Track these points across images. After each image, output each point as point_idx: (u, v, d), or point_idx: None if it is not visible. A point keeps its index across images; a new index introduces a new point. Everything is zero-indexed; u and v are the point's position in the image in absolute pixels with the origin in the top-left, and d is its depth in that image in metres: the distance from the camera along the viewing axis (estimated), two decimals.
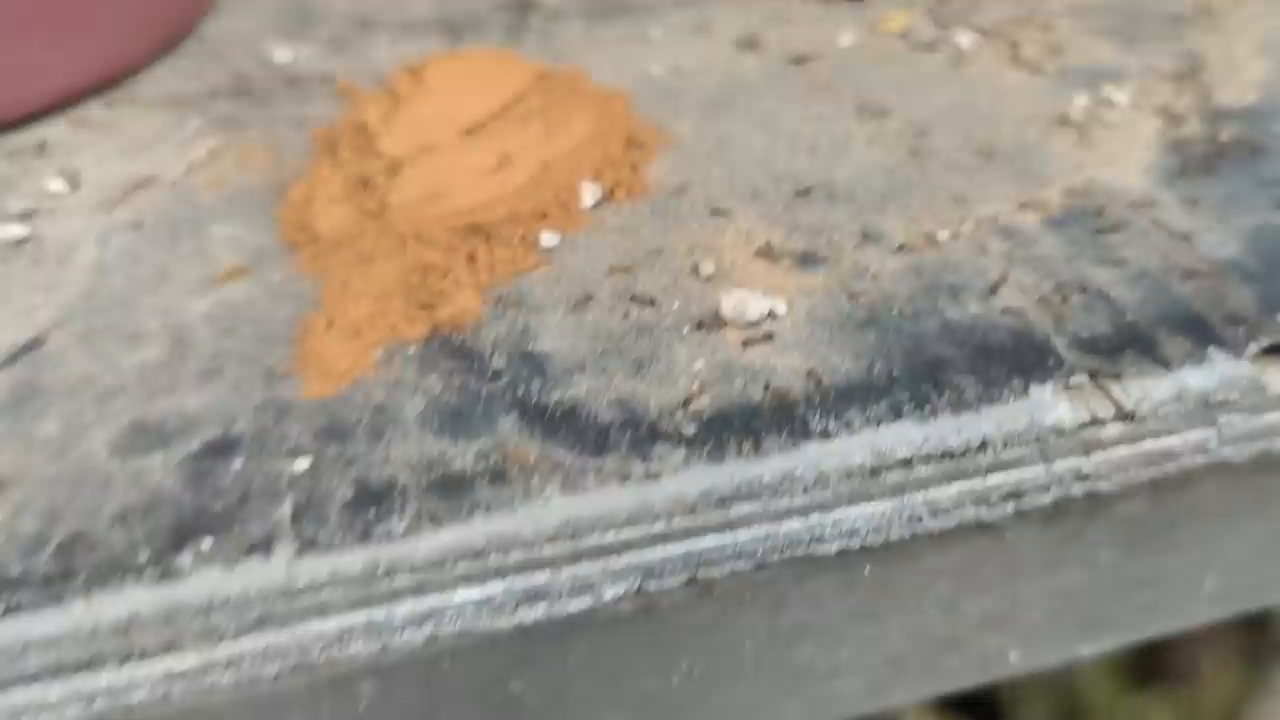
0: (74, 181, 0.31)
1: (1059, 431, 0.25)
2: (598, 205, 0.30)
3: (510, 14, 0.40)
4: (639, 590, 0.25)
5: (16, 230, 0.30)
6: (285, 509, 0.23)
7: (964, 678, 0.30)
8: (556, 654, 0.25)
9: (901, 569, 0.27)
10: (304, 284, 0.28)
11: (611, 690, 0.27)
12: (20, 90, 0.32)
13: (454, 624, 0.24)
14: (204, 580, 0.22)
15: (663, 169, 0.32)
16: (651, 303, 0.27)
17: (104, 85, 0.35)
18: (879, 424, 0.25)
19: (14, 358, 0.27)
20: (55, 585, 0.22)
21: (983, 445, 0.25)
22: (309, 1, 0.42)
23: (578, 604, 0.24)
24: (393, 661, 0.24)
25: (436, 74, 0.32)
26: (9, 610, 0.22)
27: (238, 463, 0.24)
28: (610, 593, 0.24)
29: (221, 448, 0.25)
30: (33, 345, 0.27)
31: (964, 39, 0.37)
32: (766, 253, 0.29)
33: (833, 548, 0.25)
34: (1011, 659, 0.30)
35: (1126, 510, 0.28)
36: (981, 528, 0.26)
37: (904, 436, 0.25)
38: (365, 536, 0.23)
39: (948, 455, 0.25)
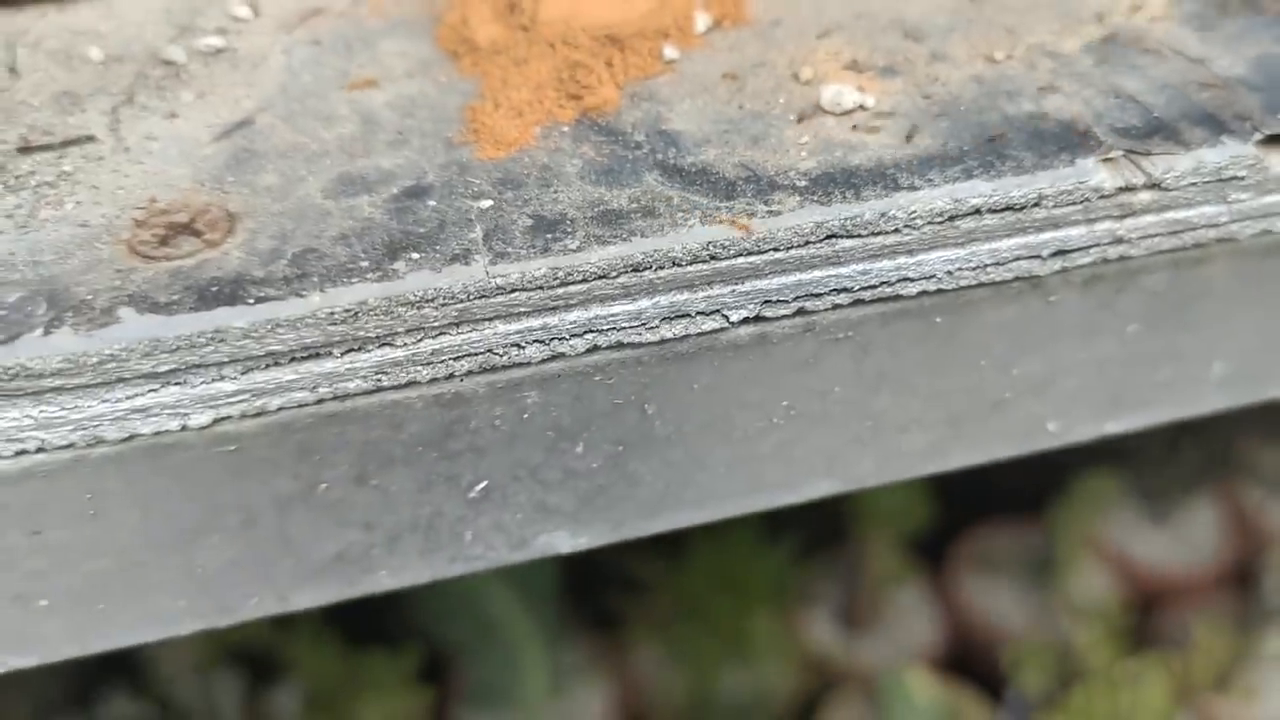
0: (256, 10, 0.37)
1: (1100, 193, 0.31)
2: (709, 30, 0.36)
3: None
4: (758, 316, 0.30)
5: (214, 41, 0.35)
6: (477, 233, 0.29)
7: (1010, 444, 0.36)
8: (684, 379, 0.31)
9: (966, 321, 0.32)
10: (467, 84, 0.34)
11: (724, 423, 0.32)
12: None
13: (609, 335, 0.29)
14: (417, 278, 0.28)
15: (759, 6, 0.37)
16: (762, 100, 0.33)
17: None
18: (955, 181, 0.30)
19: (228, 132, 0.32)
20: (294, 283, 0.28)
21: (1038, 200, 0.30)
22: None
23: (709, 323, 0.30)
24: (556, 370, 0.30)
25: None
26: (259, 299, 0.27)
27: (431, 202, 0.30)
28: (735, 315, 0.30)
29: (416, 192, 0.30)
30: (244, 123, 0.33)
31: None
32: (853, 66, 0.34)
33: (914, 289, 0.31)
34: (1050, 428, 0.36)
35: (1151, 283, 0.33)
36: (1033, 285, 0.32)
37: (976, 189, 0.30)
38: (546, 250, 0.28)
39: (1010, 208, 0.30)
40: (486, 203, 0.29)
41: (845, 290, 0.30)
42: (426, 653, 0.83)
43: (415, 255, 0.28)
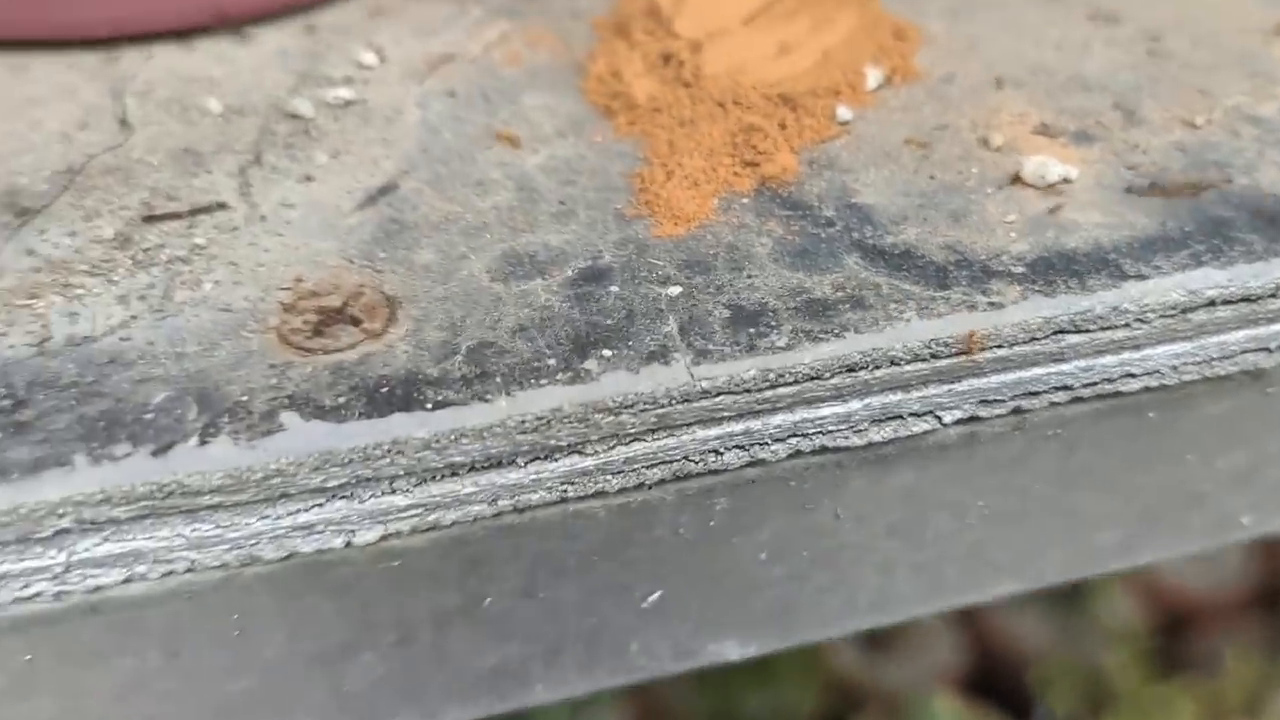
0: (382, 55, 0.34)
1: None
2: (879, 87, 0.33)
3: None
4: (972, 417, 0.27)
5: (342, 93, 0.32)
6: (671, 325, 0.26)
7: (1201, 539, 0.33)
8: (882, 481, 0.28)
9: (1179, 415, 0.30)
10: (626, 146, 0.31)
11: (916, 525, 0.29)
12: None
13: (814, 439, 0.26)
14: (613, 380, 0.25)
15: (926, 60, 0.34)
16: (954, 170, 0.30)
17: None
18: (1185, 269, 0.28)
19: (372, 199, 0.29)
20: (475, 384, 0.25)
21: (1275, 290, 0.28)
22: None
23: (921, 425, 0.27)
24: (750, 476, 0.27)
25: None
26: (438, 404, 0.24)
27: (614, 287, 0.27)
28: (949, 416, 0.27)
29: (595, 275, 0.27)
30: (387, 189, 0.30)
31: None
32: (1043, 130, 0.31)
33: (1136, 385, 0.28)
34: (1244, 521, 0.33)
35: None
36: (1254, 377, 0.29)
37: (1209, 279, 0.27)
38: (752, 348, 0.25)
39: (1246, 299, 0.28)
40: (675, 289, 0.26)
41: (1065, 388, 0.28)
42: None
43: (607, 352, 0.25)
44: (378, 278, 0.27)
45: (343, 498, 0.24)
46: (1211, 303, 0.27)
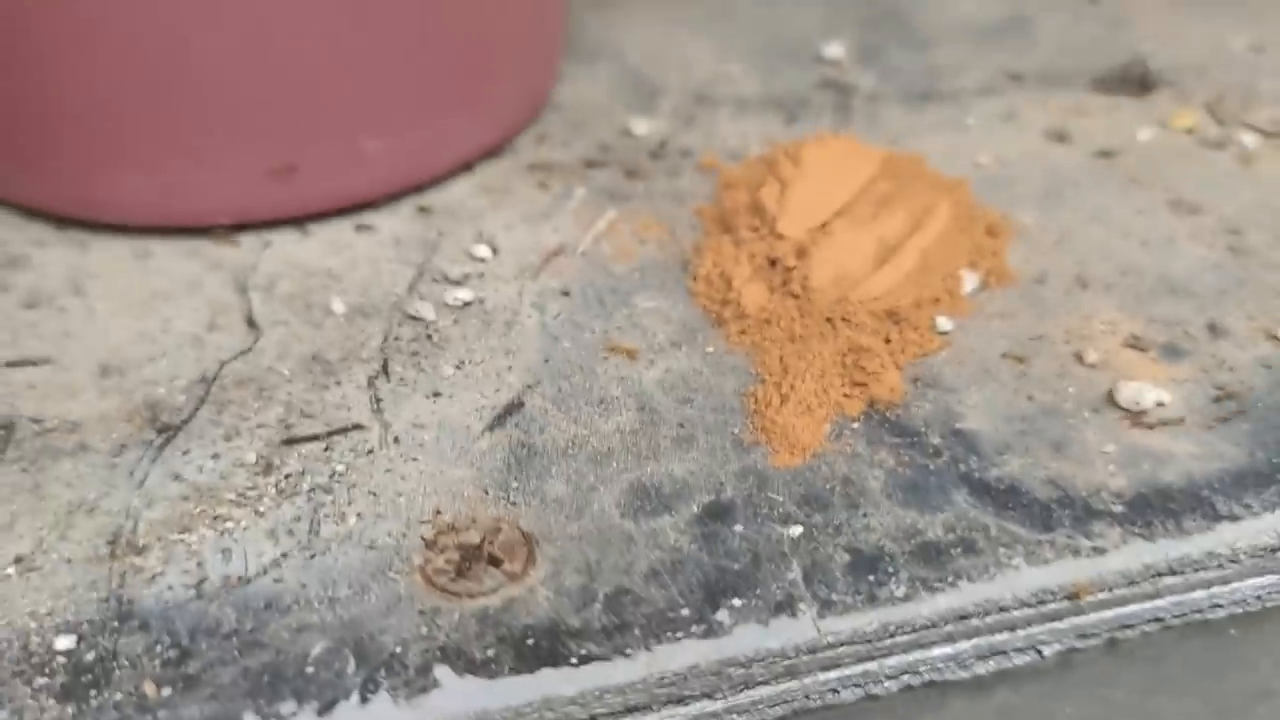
0: (494, 246, 0.35)
1: None
2: (976, 291, 0.34)
3: (833, 94, 0.44)
4: (1071, 649, 0.29)
5: (463, 294, 0.33)
6: (795, 572, 0.27)
7: None
8: (979, 700, 0.30)
9: (1258, 630, 0.31)
10: (737, 358, 0.32)
11: None
12: (433, 157, 0.36)
13: (925, 675, 0.28)
14: (744, 634, 0.26)
15: (1017, 257, 0.36)
16: (1052, 392, 0.31)
17: (492, 152, 0.38)
18: (1274, 509, 0.29)
19: (500, 419, 0.31)
20: (615, 637, 0.26)
21: None
22: (644, 74, 0.46)
23: (1022, 659, 0.28)
24: (864, 708, 0.28)
25: (810, 158, 0.36)
26: (582, 660, 0.26)
27: (738, 527, 0.28)
28: (1049, 650, 0.28)
29: (719, 511, 0.28)
30: (514, 407, 0.31)
31: (1246, 138, 0.41)
32: (1134, 344, 0.33)
33: (1223, 613, 0.30)
34: None
35: None
36: None
37: None
38: (872, 599, 0.27)
39: None
40: (796, 530, 0.28)
41: (1158, 620, 0.29)
42: None
43: (737, 602, 0.27)
44: (513, 511, 0.28)
45: None
46: None
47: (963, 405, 0.31)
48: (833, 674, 0.27)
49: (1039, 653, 0.29)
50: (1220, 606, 0.29)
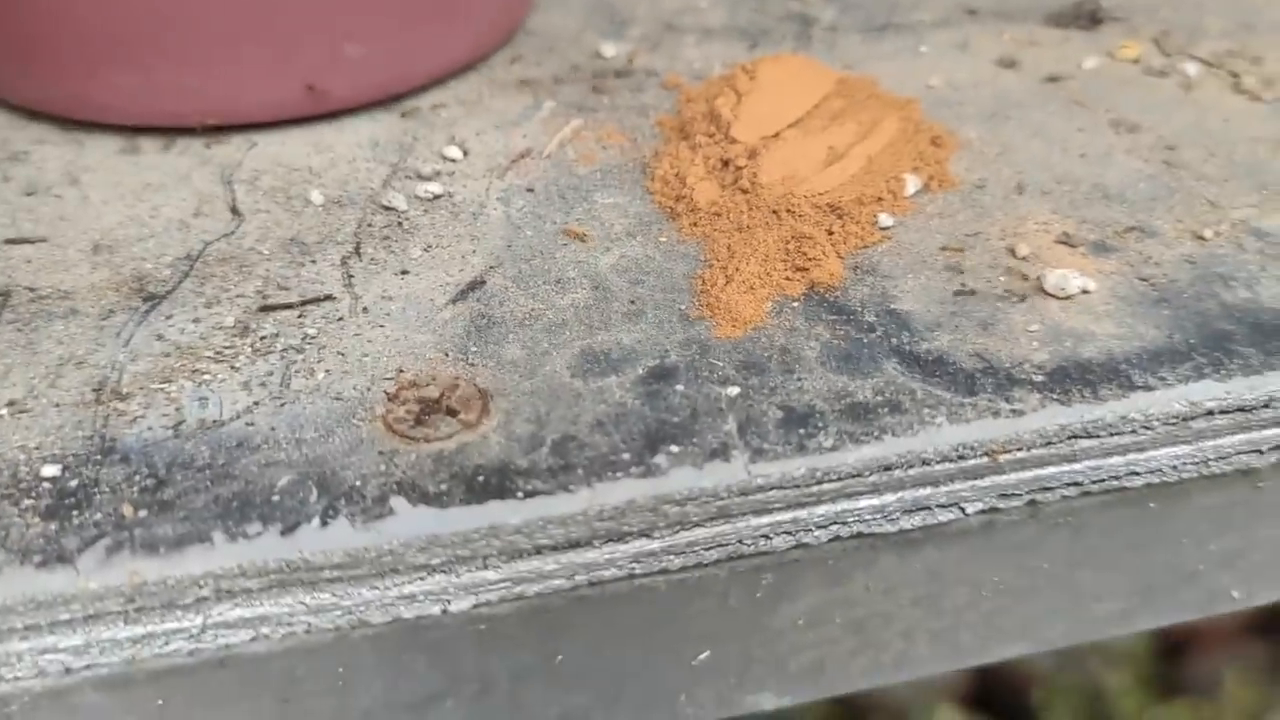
0: (465, 149, 0.37)
1: None
2: (918, 194, 0.36)
3: (795, 25, 0.46)
4: (992, 508, 0.31)
5: (432, 187, 0.36)
6: (730, 425, 0.29)
7: (1193, 610, 0.37)
8: (908, 560, 0.31)
9: (1177, 506, 0.33)
10: (689, 248, 0.34)
11: (936, 598, 0.33)
12: (411, 66, 0.38)
13: (852, 526, 0.30)
14: (680, 475, 0.28)
15: (961, 166, 0.38)
16: (983, 280, 0.33)
17: (468, 67, 0.41)
18: (1187, 381, 0.31)
19: (463, 294, 0.33)
20: (560, 475, 0.28)
21: (1268, 402, 0.31)
22: (615, 5, 0.48)
23: (945, 515, 0.30)
24: (795, 556, 0.30)
25: (766, 74, 0.38)
26: (528, 494, 0.28)
27: (679, 386, 0.30)
28: (971, 508, 0.30)
29: (662, 374, 0.31)
30: (476, 284, 0.33)
31: (1189, 68, 0.43)
32: (1065, 240, 0.35)
33: (1140, 482, 0.31)
34: (1234, 595, 0.36)
35: None
36: (1245, 474, 0.33)
37: (1209, 391, 0.31)
38: (801, 449, 0.29)
39: (1241, 409, 0.31)
40: (734, 390, 0.30)
41: (1076, 484, 0.31)
42: None
43: (674, 449, 0.29)
44: (471, 371, 0.30)
45: (442, 573, 0.28)
46: (1210, 413, 0.31)
47: (898, 290, 0.33)
48: (764, 519, 0.29)
49: (962, 510, 0.30)
50: (1137, 474, 0.31)
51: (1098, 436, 0.30)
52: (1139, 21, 0.47)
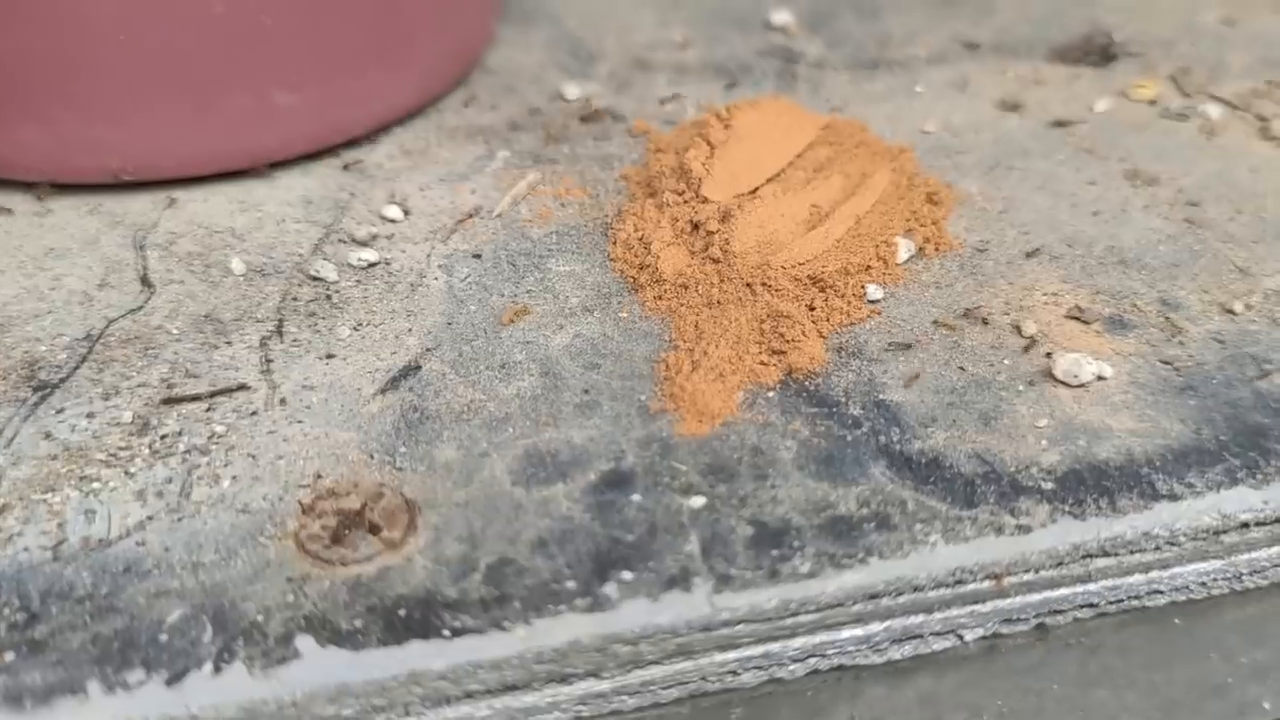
0: (405, 208, 0.33)
1: None
2: (911, 259, 0.32)
3: (778, 60, 0.42)
4: (995, 634, 0.27)
5: (366, 255, 0.32)
6: (693, 545, 0.25)
7: None
8: (899, 689, 0.28)
9: (1205, 622, 0.29)
10: (651, 324, 0.30)
11: None
12: (350, 114, 0.34)
13: (832, 659, 0.26)
14: (632, 610, 0.24)
15: (959, 226, 0.34)
16: (984, 364, 0.30)
17: (414, 113, 0.37)
18: (1219, 488, 0.27)
19: (394, 382, 0.29)
20: (493, 609, 0.24)
21: None
22: (582, 39, 0.44)
23: (940, 644, 0.27)
24: (767, 691, 0.26)
25: (743, 121, 0.34)
26: (456, 632, 0.24)
27: (636, 496, 0.26)
28: (971, 635, 0.26)
29: (617, 480, 0.27)
30: (410, 370, 0.29)
31: (1211, 110, 0.39)
32: (1078, 316, 0.31)
33: (1163, 600, 0.28)
34: (1265, 706, 0.33)
35: None
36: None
37: (1244, 502, 0.27)
38: (774, 575, 0.25)
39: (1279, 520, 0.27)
40: (698, 500, 0.26)
41: (1091, 605, 0.27)
42: None
43: (628, 575, 0.25)
44: (398, 477, 0.27)
45: None
46: (1245, 525, 0.27)
47: (887, 376, 0.29)
48: (731, 655, 0.25)
49: (959, 638, 0.27)
50: (1160, 593, 0.28)
51: (1116, 555, 0.26)
52: (1155, 57, 0.43)
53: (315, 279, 0.31)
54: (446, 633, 0.24)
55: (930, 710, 0.28)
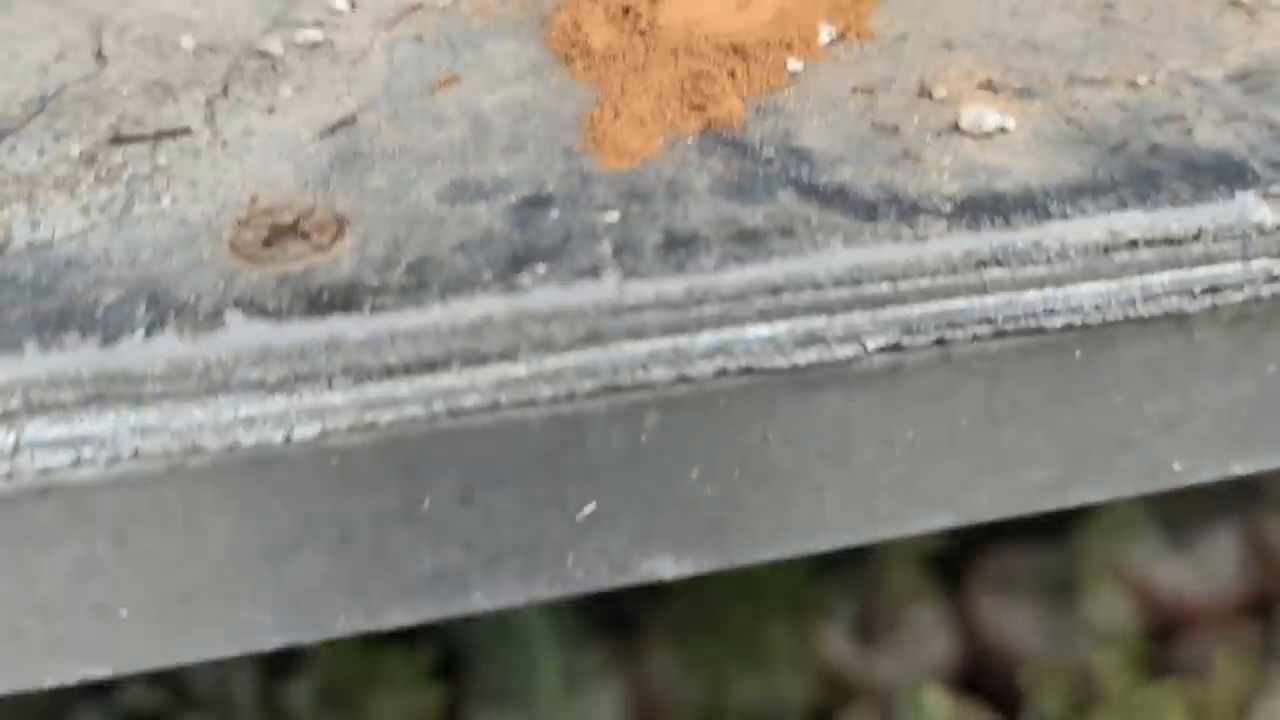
0: (353, 3, 0.35)
1: (1261, 230, 0.29)
2: (833, 43, 0.34)
3: None
4: (896, 345, 0.28)
5: (313, 34, 0.33)
6: (605, 247, 0.27)
7: (1133, 483, 0.34)
8: (810, 406, 0.29)
9: (1104, 356, 0.30)
10: (582, 90, 0.32)
11: (845, 453, 0.30)
12: None
13: (740, 359, 0.27)
14: (545, 294, 0.26)
15: (882, 20, 0.35)
16: (895, 118, 0.31)
17: None
18: (1109, 211, 0.28)
19: (331, 130, 0.30)
20: (412, 293, 0.26)
21: (1198, 234, 0.29)
22: None
23: (845, 351, 0.28)
24: (680, 394, 0.28)
25: None
26: (375, 309, 0.25)
27: (554, 213, 0.28)
28: (873, 344, 0.28)
29: (537, 201, 0.28)
30: (346, 122, 0.31)
31: None
32: (988, 86, 0.32)
33: (1059, 322, 0.29)
34: (1175, 468, 0.34)
35: None
36: (1178, 322, 0.30)
37: (1133, 221, 0.28)
38: (680, 268, 0.26)
39: (1168, 241, 0.28)
40: (613, 215, 0.28)
41: (988, 321, 0.28)
42: (441, 651, 0.83)
43: (541, 268, 0.26)
44: (330, 199, 0.28)
45: (282, 393, 0.25)
46: (1133, 244, 0.28)
47: (802, 129, 0.31)
48: (641, 346, 0.27)
49: (862, 345, 0.28)
50: (1055, 313, 0.29)
51: (1008, 265, 0.28)
52: None
53: (262, 54, 0.33)
54: (367, 309, 0.25)
55: (843, 432, 0.30)
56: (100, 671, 0.28)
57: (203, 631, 0.29)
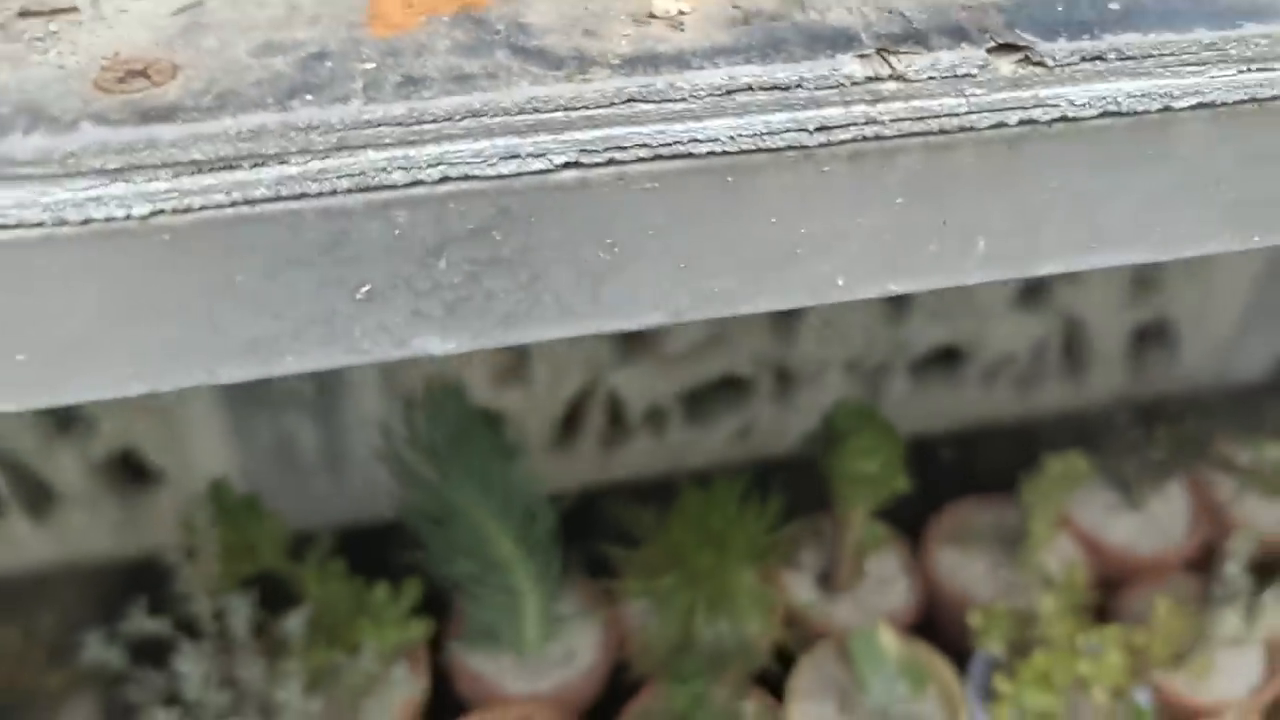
0: None
1: (852, 79, 0.39)
2: None
3: None
4: (576, 162, 0.39)
5: None
6: (358, 84, 0.38)
7: (806, 294, 0.44)
8: (523, 211, 0.40)
9: (753, 183, 0.41)
10: None
11: (564, 251, 0.41)
12: None
13: (458, 168, 0.38)
14: (307, 112, 0.37)
15: None
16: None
17: None
18: (734, 65, 0.39)
19: (184, 9, 0.42)
20: (215, 112, 0.37)
21: (800, 82, 0.39)
22: None
23: (537, 164, 0.39)
24: (419, 195, 0.39)
25: None
26: (185, 120, 0.36)
27: (329, 63, 0.39)
28: (558, 160, 0.39)
29: (319, 56, 0.39)
30: (195, 4, 0.42)
31: None
32: None
33: (703, 149, 0.40)
34: (839, 283, 0.44)
35: (908, 163, 0.42)
36: (805, 155, 0.41)
37: (749, 71, 0.39)
38: (407, 97, 0.37)
39: (776, 87, 0.39)
40: (370, 65, 0.38)
41: (646, 145, 0.39)
42: (428, 589, 0.92)
43: (309, 97, 0.37)
44: (172, 54, 0.39)
45: (121, 180, 0.36)
46: (749, 88, 0.39)
47: (531, 11, 0.42)
48: (381, 155, 0.38)
49: (550, 161, 0.39)
50: (699, 141, 0.39)
51: (652, 101, 0.38)
52: None
53: None
54: (179, 121, 0.36)
55: (555, 236, 0.40)
56: (5, 406, 0.40)
57: (84, 378, 0.40)
